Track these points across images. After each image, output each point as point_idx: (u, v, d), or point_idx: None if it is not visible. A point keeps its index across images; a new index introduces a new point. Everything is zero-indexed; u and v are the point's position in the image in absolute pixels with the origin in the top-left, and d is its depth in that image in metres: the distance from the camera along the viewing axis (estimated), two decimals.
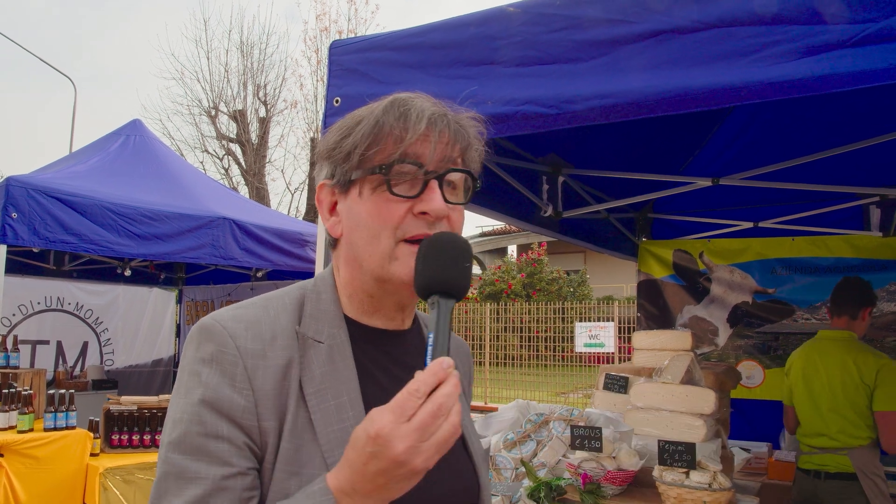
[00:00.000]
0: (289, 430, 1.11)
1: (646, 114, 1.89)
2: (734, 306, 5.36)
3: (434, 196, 1.16)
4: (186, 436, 1.08)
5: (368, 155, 1.17)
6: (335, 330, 1.23)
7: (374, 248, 1.17)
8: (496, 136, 2.14)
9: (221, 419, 1.09)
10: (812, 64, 1.69)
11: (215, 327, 1.15)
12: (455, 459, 1.28)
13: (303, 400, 1.14)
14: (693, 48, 1.86)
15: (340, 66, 2.45)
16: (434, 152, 1.16)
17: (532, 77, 2.04)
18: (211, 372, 1.11)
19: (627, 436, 3.16)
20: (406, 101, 1.19)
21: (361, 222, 1.19)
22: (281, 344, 1.17)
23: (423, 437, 0.93)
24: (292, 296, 1.26)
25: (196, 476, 1.06)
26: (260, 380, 1.12)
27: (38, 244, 5.02)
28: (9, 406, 5.33)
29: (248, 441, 1.10)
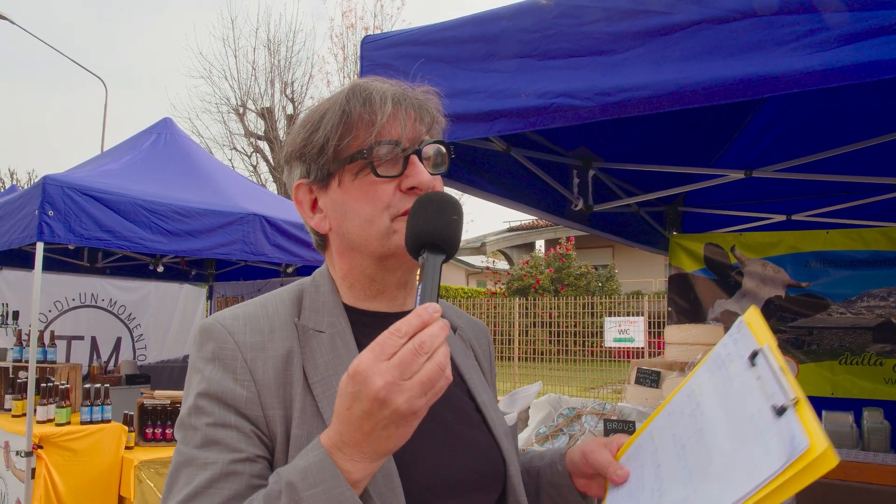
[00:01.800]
0: (298, 418, 1.13)
1: (682, 105, 1.87)
2: (767, 300, 5.29)
3: (418, 170, 1.19)
4: (197, 428, 1.10)
5: (343, 144, 1.20)
6: (335, 318, 1.24)
7: (370, 231, 1.19)
8: (531, 128, 2.13)
9: (228, 410, 1.11)
10: (853, 52, 1.66)
11: (214, 326, 1.18)
12: (473, 436, 1.29)
13: (308, 389, 1.15)
14: (729, 38, 1.84)
15: (372, 61, 2.46)
16: (405, 130, 1.19)
17: (566, 70, 2.03)
18: (213, 368, 1.14)
19: None
20: (366, 87, 1.22)
21: (350, 210, 1.21)
22: (280, 336, 1.19)
23: (403, 374, 0.90)
24: (291, 292, 1.29)
25: (206, 462, 1.07)
26: (260, 371, 1.14)
27: (74, 241, 5.11)
28: (47, 400, 5.44)
29: (255, 430, 1.11)
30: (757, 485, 0.89)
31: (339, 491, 0.95)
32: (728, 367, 1.15)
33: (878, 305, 4.98)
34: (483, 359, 1.50)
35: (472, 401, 1.35)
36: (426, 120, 1.24)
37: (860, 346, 5.01)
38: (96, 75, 29.66)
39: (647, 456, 1.26)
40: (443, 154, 1.26)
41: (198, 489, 1.05)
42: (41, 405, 5.40)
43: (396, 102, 1.20)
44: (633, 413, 3.23)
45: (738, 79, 1.82)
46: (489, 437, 1.32)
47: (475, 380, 1.38)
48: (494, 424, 1.34)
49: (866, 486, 3.74)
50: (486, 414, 1.34)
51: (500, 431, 1.34)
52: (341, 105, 1.20)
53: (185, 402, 1.16)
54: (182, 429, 1.13)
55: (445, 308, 1.48)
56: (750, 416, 1.00)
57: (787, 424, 0.93)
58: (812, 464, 0.89)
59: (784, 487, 0.88)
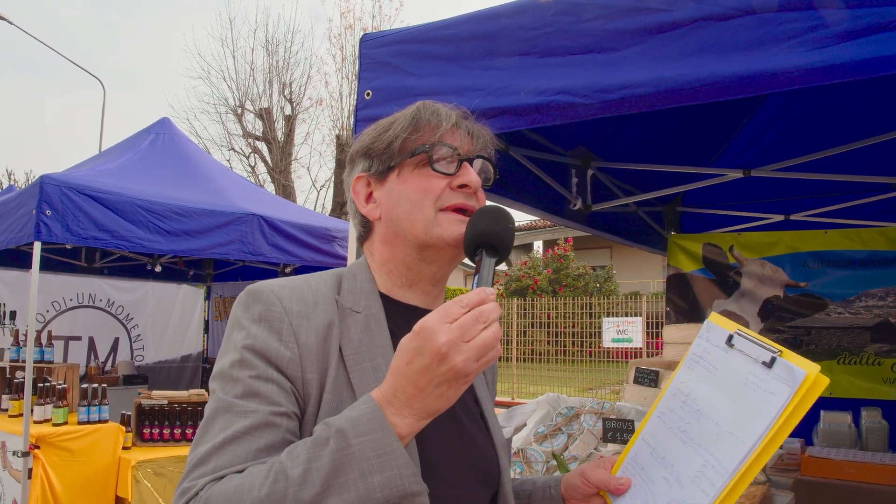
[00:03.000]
0: (331, 384, 1.20)
1: (682, 102, 1.87)
2: (765, 300, 5.29)
3: (470, 171, 1.34)
4: (239, 380, 1.16)
5: (410, 140, 1.34)
6: (371, 303, 1.32)
7: (417, 217, 1.30)
8: (529, 126, 2.13)
9: (270, 366, 1.17)
10: (853, 49, 1.66)
11: (263, 290, 1.25)
12: (479, 437, 1.37)
13: (342, 360, 1.23)
14: (728, 35, 1.84)
15: (371, 59, 2.45)
16: (462, 142, 1.35)
17: (565, 67, 2.03)
18: (259, 328, 1.20)
19: None
20: (434, 104, 1.39)
21: (403, 197, 1.33)
22: (323, 308, 1.27)
23: (464, 336, 1.00)
24: (330, 275, 1.37)
25: (246, 411, 1.13)
26: (304, 336, 1.21)
27: (72, 241, 5.10)
28: (44, 400, 5.42)
29: (293, 388, 1.18)
30: (772, 418, 1.01)
31: (388, 441, 1.02)
32: (707, 358, 1.27)
33: (877, 305, 4.98)
34: (487, 372, 1.57)
35: (477, 406, 1.43)
36: (480, 142, 1.39)
37: (858, 345, 5.01)
38: (94, 76, 29.66)
39: (646, 457, 1.31)
40: (489, 170, 1.43)
41: (236, 434, 1.10)
42: (38, 405, 5.39)
43: (458, 120, 1.36)
44: (632, 412, 3.22)
45: (737, 76, 1.81)
46: (490, 445, 1.39)
47: (481, 390, 1.47)
48: (494, 434, 1.42)
49: (864, 486, 3.74)
50: (489, 423, 1.43)
51: (499, 442, 1.42)
52: (413, 112, 1.36)
53: (224, 356, 1.21)
54: (221, 379, 1.18)
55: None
56: (743, 379, 1.14)
57: (782, 367, 1.07)
58: (812, 387, 1.02)
59: (794, 414, 1.02)
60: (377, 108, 2.40)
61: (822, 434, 4.32)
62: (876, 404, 4.41)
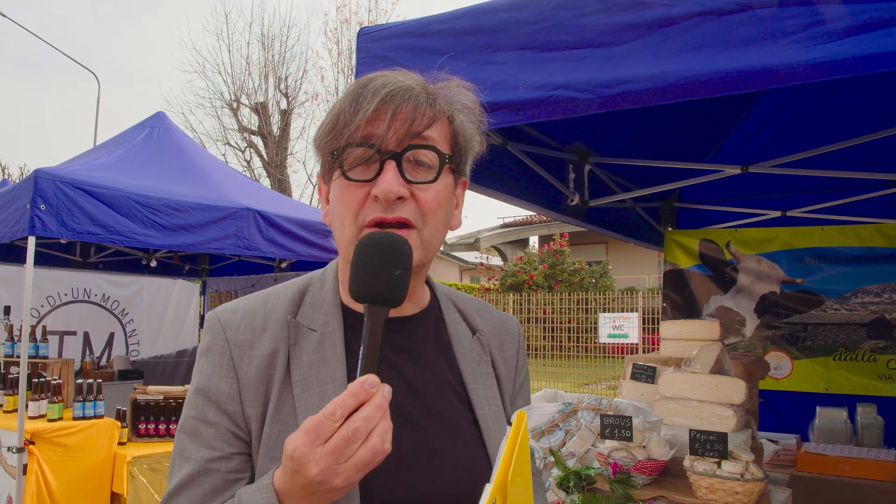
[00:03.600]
0: (271, 417, 1.16)
1: (681, 97, 1.86)
2: (762, 296, 5.30)
3: (384, 178, 1.12)
4: (186, 419, 1.20)
5: (328, 142, 1.19)
6: (329, 318, 1.25)
7: (341, 235, 1.19)
8: (528, 121, 2.12)
9: (210, 405, 1.18)
10: (852, 45, 1.65)
11: (212, 320, 1.24)
12: (456, 451, 1.24)
13: (290, 387, 1.18)
14: (728, 31, 1.83)
15: (369, 53, 2.43)
16: (388, 131, 1.12)
17: (564, 62, 2.02)
18: (206, 362, 1.22)
19: (657, 425, 3.14)
20: (368, 81, 1.16)
21: (334, 209, 1.22)
22: (269, 335, 1.22)
23: (338, 460, 0.93)
24: (296, 285, 1.31)
25: (189, 456, 1.16)
26: (244, 369, 1.19)
27: (66, 236, 5.07)
28: (39, 395, 5.40)
29: (232, 428, 1.17)
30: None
31: None
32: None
33: (872, 302, 4.98)
34: (503, 364, 1.43)
35: (470, 412, 1.30)
36: (425, 118, 1.15)
37: (854, 342, 5.02)
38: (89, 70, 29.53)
39: None
40: (426, 160, 1.17)
41: (182, 482, 1.14)
42: (33, 401, 5.37)
43: (387, 99, 1.13)
44: (629, 408, 3.22)
45: (737, 71, 1.80)
46: (481, 452, 1.27)
47: (481, 391, 1.33)
48: (491, 439, 1.29)
49: (859, 482, 3.75)
50: (484, 428, 1.29)
51: (494, 451, 1.28)
52: (339, 100, 1.19)
53: (189, 389, 1.24)
54: (182, 413, 1.22)
55: (471, 307, 1.45)
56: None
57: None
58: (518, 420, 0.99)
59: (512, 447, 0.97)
60: None
61: (817, 430, 4.33)
62: (871, 400, 4.43)
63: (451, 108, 1.20)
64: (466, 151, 1.27)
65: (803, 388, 5.09)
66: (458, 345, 1.36)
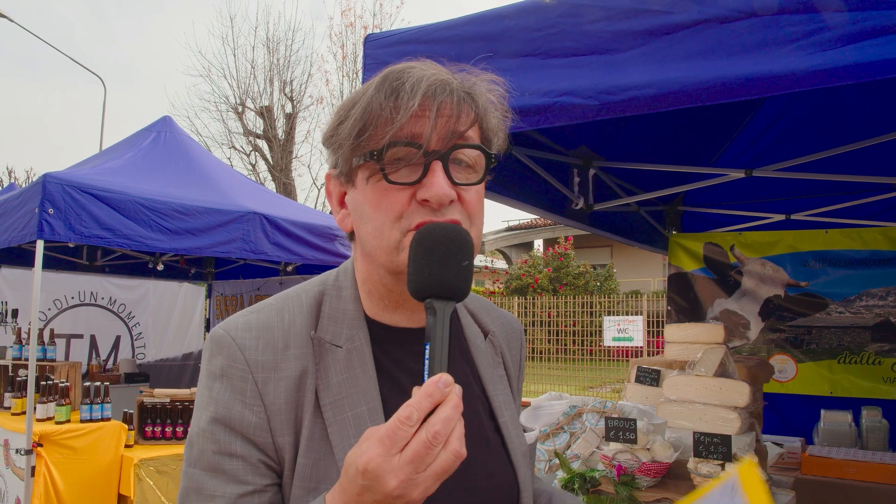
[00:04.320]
0: (305, 445, 1.06)
1: (685, 104, 1.88)
2: (766, 300, 5.30)
3: (434, 181, 1.03)
4: (203, 453, 1.06)
5: (362, 141, 1.06)
6: (354, 332, 1.15)
7: (380, 242, 1.07)
8: (533, 127, 2.14)
9: (235, 436, 1.06)
10: (854, 51, 1.67)
11: (225, 339, 1.10)
12: (487, 463, 1.19)
13: (319, 411, 1.08)
14: (731, 38, 1.85)
15: (375, 59, 2.46)
16: (433, 129, 1.03)
17: (569, 68, 2.04)
18: (222, 388, 1.08)
19: (661, 428, 3.15)
20: (401, 74, 1.06)
21: (366, 215, 1.09)
22: (294, 353, 1.11)
23: (417, 468, 0.83)
24: (311, 294, 1.19)
25: (213, 494, 1.04)
26: (272, 394, 1.07)
27: (74, 239, 5.10)
28: (47, 398, 5.44)
29: (263, 458, 1.06)
30: None
31: None
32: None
33: (877, 305, 4.99)
34: (512, 365, 1.40)
35: (492, 420, 1.25)
36: (468, 115, 1.06)
37: (859, 345, 5.02)
38: (95, 73, 29.64)
39: None
40: (476, 160, 1.09)
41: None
42: (41, 403, 5.40)
43: (429, 95, 1.03)
44: (634, 411, 3.24)
45: (740, 78, 1.82)
46: (505, 461, 1.23)
47: (500, 397, 1.28)
48: (513, 445, 1.24)
49: (865, 485, 3.76)
50: (506, 435, 1.24)
51: (519, 453, 1.25)
52: (369, 95, 1.06)
53: (195, 418, 1.11)
54: (189, 448, 1.09)
55: (479, 307, 1.41)
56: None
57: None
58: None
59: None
60: None
61: (822, 433, 4.34)
62: (876, 403, 4.43)
63: (487, 105, 1.11)
64: (496, 150, 1.16)
65: (808, 391, 5.09)
66: (475, 349, 1.31)
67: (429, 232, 0.99)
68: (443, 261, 0.96)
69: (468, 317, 1.36)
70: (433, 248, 0.97)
